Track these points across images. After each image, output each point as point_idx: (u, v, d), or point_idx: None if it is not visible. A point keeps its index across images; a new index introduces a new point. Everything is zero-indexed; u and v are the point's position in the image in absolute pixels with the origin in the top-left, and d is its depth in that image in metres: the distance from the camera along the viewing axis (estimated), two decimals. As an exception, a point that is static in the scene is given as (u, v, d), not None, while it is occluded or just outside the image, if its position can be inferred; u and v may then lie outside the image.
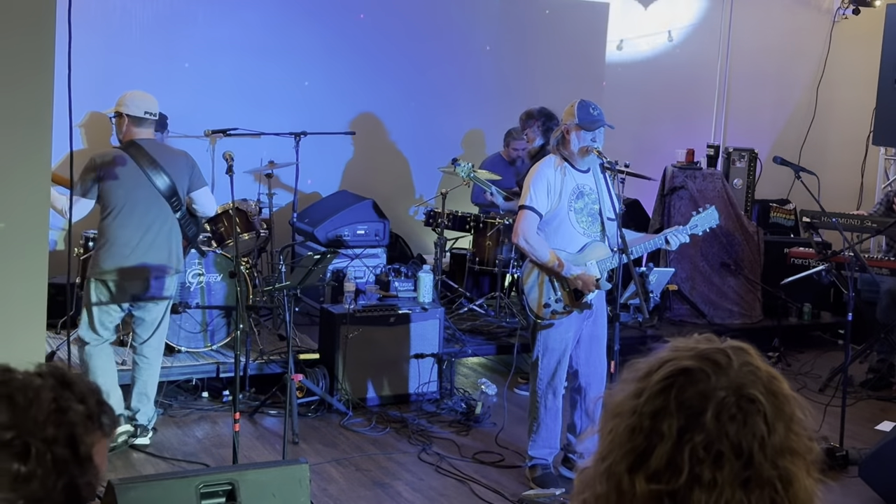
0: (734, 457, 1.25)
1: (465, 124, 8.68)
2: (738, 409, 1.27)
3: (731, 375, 1.29)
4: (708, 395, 1.27)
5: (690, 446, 1.25)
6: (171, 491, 3.63)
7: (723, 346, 1.34)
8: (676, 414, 1.27)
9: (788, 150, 9.14)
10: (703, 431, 1.25)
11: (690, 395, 1.28)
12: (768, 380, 1.31)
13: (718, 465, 1.25)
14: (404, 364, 6.14)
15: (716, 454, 1.25)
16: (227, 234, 6.50)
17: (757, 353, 1.35)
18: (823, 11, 9.87)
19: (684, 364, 1.31)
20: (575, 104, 4.78)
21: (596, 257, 4.82)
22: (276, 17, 7.85)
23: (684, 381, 1.29)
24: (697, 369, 1.30)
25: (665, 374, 1.31)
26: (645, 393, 1.30)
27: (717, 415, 1.26)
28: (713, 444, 1.25)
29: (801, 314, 8.04)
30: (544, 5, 8.83)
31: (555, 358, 4.87)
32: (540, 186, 4.76)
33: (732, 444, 1.25)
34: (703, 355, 1.32)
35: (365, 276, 7.11)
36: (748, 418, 1.26)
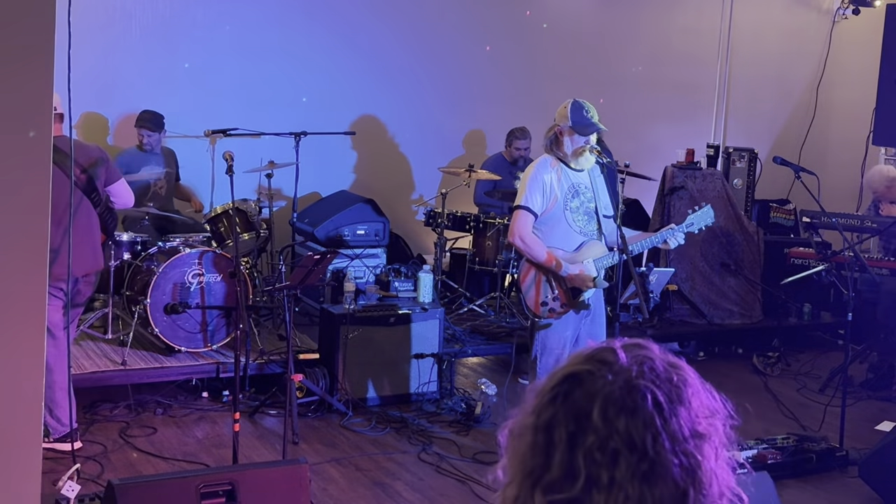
0: (628, 452, 1.20)
1: (466, 124, 8.68)
2: (626, 402, 1.22)
3: (617, 370, 1.25)
4: (594, 393, 1.23)
5: (583, 450, 1.21)
6: (171, 491, 3.64)
7: (613, 344, 1.30)
8: (565, 420, 1.23)
9: (788, 150, 9.15)
10: (593, 431, 1.21)
11: (577, 398, 1.24)
12: (663, 368, 1.26)
13: (615, 464, 1.20)
14: (404, 364, 6.14)
15: (611, 453, 1.20)
16: (227, 234, 6.50)
17: (657, 346, 1.31)
18: (823, 12, 9.87)
19: (572, 370, 1.27)
20: (568, 105, 4.75)
21: (593, 255, 4.83)
22: (276, 17, 7.85)
23: (570, 385, 1.26)
24: (584, 371, 1.26)
25: (553, 383, 1.27)
26: (538, 408, 1.27)
27: (604, 411, 1.21)
28: (606, 442, 1.21)
29: (801, 314, 8.04)
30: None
31: (553, 357, 4.87)
32: (535, 186, 4.76)
33: (624, 440, 1.20)
34: (591, 357, 1.28)
35: (365, 276, 7.11)
36: (637, 409, 1.21)
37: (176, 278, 5.99)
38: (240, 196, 6.49)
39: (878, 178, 7.46)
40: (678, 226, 4.93)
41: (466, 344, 6.68)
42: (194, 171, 7.68)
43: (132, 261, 6.18)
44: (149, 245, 6.27)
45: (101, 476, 4.79)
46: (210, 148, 7.70)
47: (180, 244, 6.22)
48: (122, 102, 7.38)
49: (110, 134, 7.49)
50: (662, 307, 7.54)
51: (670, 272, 5.39)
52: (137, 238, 6.31)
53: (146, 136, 6.96)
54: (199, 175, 7.73)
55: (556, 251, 4.79)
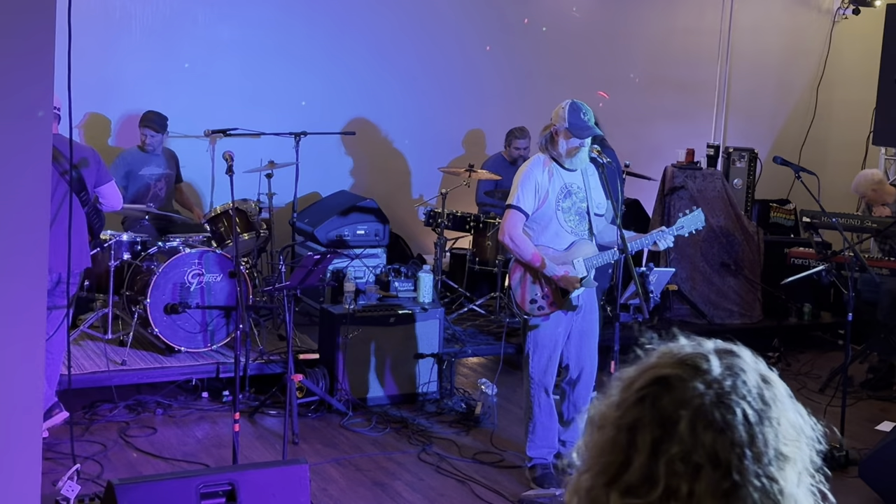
0: (711, 468, 1.18)
1: (466, 124, 8.68)
2: (716, 416, 1.19)
3: (710, 380, 1.22)
4: (683, 402, 1.20)
5: (666, 458, 1.19)
6: (171, 491, 3.64)
7: (707, 349, 1.27)
8: (651, 425, 1.21)
9: (788, 150, 9.14)
10: (679, 442, 1.19)
11: (665, 404, 1.21)
12: (756, 382, 1.24)
13: (695, 477, 1.18)
14: (404, 364, 6.14)
15: (693, 466, 1.18)
16: (227, 234, 6.50)
17: (750, 354, 1.28)
18: (823, 11, 9.87)
19: (663, 372, 1.24)
20: (566, 106, 4.76)
21: (583, 255, 4.86)
22: (275, 18, 7.85)
23: (660, 389, 1.23)
24: (675, 376, 1.23)
25: (643, 383, 1.25)
26: (624, 404, 1.25)
27: (692, 423, 1.19)
28: (689, 455, 1.18)
29: (801, 314, 8.04)
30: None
31: (545, 354, 4.90)
32: (527, 186, 4.79)
33: (709, 455, 1.18)
34: (684, 361, 1.25)
35: (365, 276, 7.11)
36: (727, 425, 1.19)
37: (176, 278, 5.99)
38: (240, 196, 6.48)
39: (864, 182, 7.46)
40: (668, 228, 4.96)
41: (466, 344, 6.68)
42: (194, 171, 7.69)
43: (132, 261, 6.18)
44: (149, 245, 6.27)
45: (101, 476, 4.79)
46: (210, 148, 7.70)
47: (180, 244, 6.22)
48: (122, 102, 7.38)
49: (112, 135, 7.49)
50: (662, 307, 7.54)
51: (670, 272, 5.39)
52: (137, 238, 6.31)
53: (149, 137, 6.95)
54: (200, 175, 7.74)
55: (546, 250, 4.83)
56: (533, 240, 4.85)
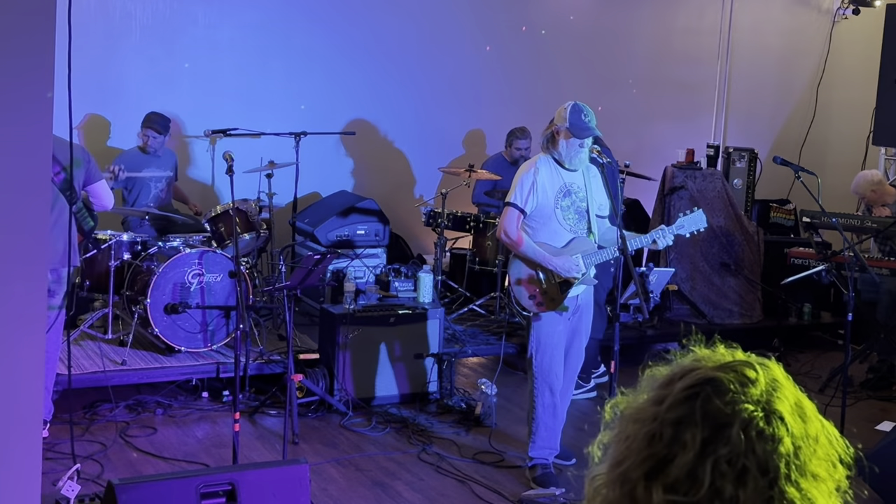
0: (759, 475, 1.20)
1: (466, 124, 8.68)
2: (767, 426, 1.22)
3: (760, 391, 1.25)
4: (735, 407, 1.23)
5: (714, 459, 1.21)
6: (171, 491, 3.63)
7: (750, 359, 1.29)
8: (701, 424, 1.22)
9: (788, 150, 9.15)
10: (729, 445, 1.21)
11: (716, 407, 1.23)
12: (795, 399, 1.27)
13: (742, 482, 1.20)
14: (404, 364, 6.14)
15: (740, 470, 1.20)
16: (227, 234, 6.50)
17: (782, 370, 1.31)
18: (823, 11, 9.88)
19: (711, 374, 1.26)
20: (568, 107, 4.81)
21: (581, 251, 4.89)
22: (275, 18, 7.85)
23: (711, 390, 1.25)
24: (725, 380, 1.25)
25: (691, 381, 1.26)
26: (668, 400, 1.26)
27: (745, 429, 1.21)
28: (738, 458, 1.21)
29: (801, 314, 8.04)
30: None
31: (548, 353, 4.92)
32: (526, 185, 4.85)
33: (759, 462, 1.21)
34: (731, 367, 1.27)
35: (365, 276, 7.11)
36: (776, 436, 1.22)
37: (176, 278, 5.99)
38: (240, 196, 6.49)
39: (863, 183, 7.45)
40: (668, 227, 4.98)
41: (466, 344, 6.68)
42: (194, 171, 7.69)
43: (132, 261, 6.18)
44: (149, 245, 6.27)
45: (101, 476, 4.79)
46: (210, 148, 7.70)
47: (180, 244, 6.22)
48: (122, 103, 7.38)
49: (111, 136, 7.49)
50: (662, 307, 7.54)
51: (670, 272, 5.39)
52: (137, 238, 6.31)
53: (152, 138, 6.94)
54: (200, 175, 7.74)
55: (544, 247, 4.88)
56: (532, 237, 4.89)
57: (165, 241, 6.30)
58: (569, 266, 4.82)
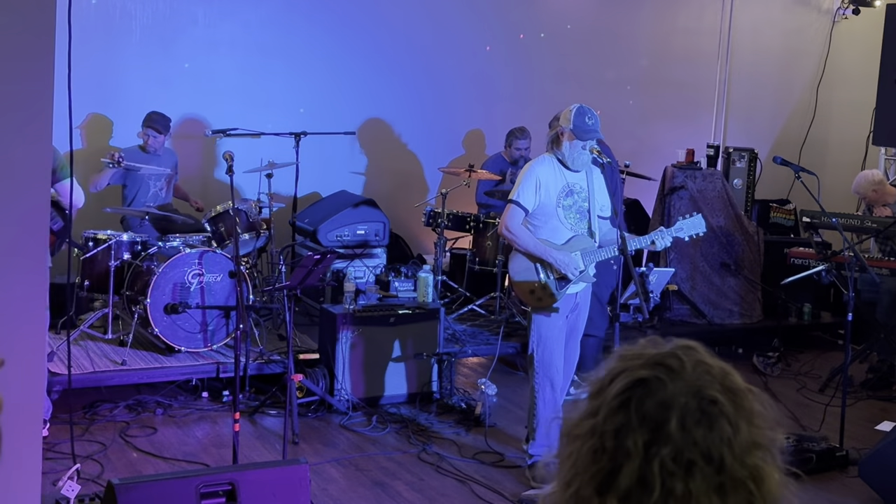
0: (705, 463, 1.20)
1: (466, 124, 8.69)
2: (702, 413, 1.22)
3: (687, 378, 1.24)
4: (668, 403, 1.22)
5: (659, 460, 1.20)
6: (171, 491, 3.63)
7: (672, 348, 1.28)
8: (640, 428, 1.22)
9: (788, 150, 9.15)
10: (670, 442, 1.20)
11: (651, 407, 1.22)
12: (723, 377, 1.26)
13: (690, 475, 1.20)
14: (404, 364, 6.14)
15: (686, 464, 1.20)
16: (227, 235, 6.50)
17: (705, 349, 1.30)
18: (823, 11, 9.88)
19: (639, 374, 1.25)
20: (573, 109, 4.89)
21: (580, 248, 4.95)
22: (276, 17, 7.85)
23: (642, 392, 1.24)
24: (653, 378, 1.24)
25: (621, 387, 1.25)
26: (602, 410, 1.25)
27: (682, 422, 1.21)
28: (682, 453, 1.20)
29: (801, 314, 8.04)
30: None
31: (549, 347, 4.98)
32: (528, 183, 4.92)
33: (702, 451, 1.21)
34: (656, 361, 1.26)
35: (365, 276, 7.11)
36: (713, 421, 1.22)
37: (176, 278, 5.99)
38: (239, 196, 6.49)
39: (864, 183, 7.45)
40: (667, 229, 5.02)
41: (466, 344, 6.68)
42: (194, 171, 7.68)
43: (132, 261, 6.18)
44: (149, 245, 6.27)
45: (101, 476, 4.79)
46: (210, 148, 7.70)
47: (180, 244, 6.22)
48: (122, 103, 7.38)
49: (113, 136, 7.49)
50: (662, 307, 7.54)
51: (670, 272, 5.40)
52: (137, 238, 6.31)
53: (152, 137, 6.94)
54: (200, 175, 7.74)
55: (544, 243, 4.94)
56: (533, 234, 4.96)
57: (165, 241, 6.30)
58: (568, 261, 4.88)
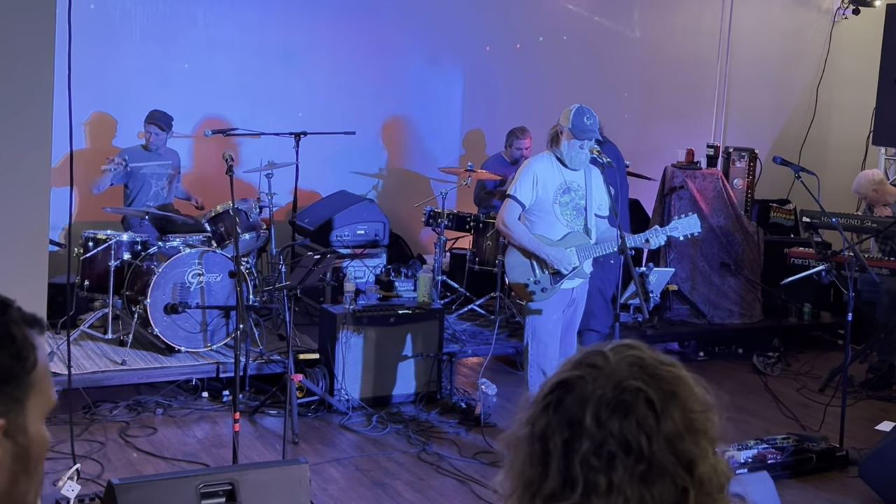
0: (624, 454, 1.19)
1: (466, 124, 8.69)
2: (618, 403, 1.20)
3: (608, 372, 1.23)
4: (585, 398, 1.22)
5: (579, 456, 1.19)
6: (171, 491, 3.63)
7: (603, 348, 1.28)
8: (559, 428, 1.22)
9: (788, 150, 9.14)
10: (587, 437, 1.19)
11: (569, 405, 1.22)
12: (654, 366, 1.25)
13: (612, 468, 1.19)
14: (404, 364, 6.14)
15: (607, 456, 1.19)
16: (227, 234, 6.50)
17: (646, 346, 1.29)
18: (823, 12, 9.87)
19: (563, 377, 1.26)
20: (572, 109, 4.97)
21: (575, 244, 5.03)
22: (276, 17, 7.85)
23: (562, 392, 1.24)
24: (575, 377, 1.25)
25: (545, 391, 1.26)
26: (531, 417, 1.25)
27: (597, 415, 1.20)
28: (601, 446, 1.19)
29: (801, 314, 8.04)
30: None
31: (543, 340, 5.07)
32: (526, 179, 5.03)
33: (619, 442, 1.19)
34: (580, 362, 1.27)
35: (365, 276, 7.10)
36: (630, 410, 1.20)
37: (176, 278, 5.99)
38: (240, 196, 6.48)
39: (865, 182, 7.43)
40: (661, 228, 5.06)
41: (466, 344, 6.68)
42: (194, 171, 7.68)
43: (132, 261, 6.18)
44: (149, 245, 6.27)
45: (101, 476, 4.79)
46: (210, 148, 7.70)
47: (180, 244, 6.22)
48: (122, 103, 7.38)
49: (116, 135, 7.48)
50: (662, 307, 7.54)
51: (670, 272, 5.41)
52: (137, 238, 6.31)
53: (154, 135, 6.93)
54: (200, 175, 7.73)
55: (540, 238, 5.03)
56: (530, 230, 5.06)
57: (165, 241, 6.30)
58: (560, 257, 4.96)
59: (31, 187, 3.06)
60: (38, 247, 3.06)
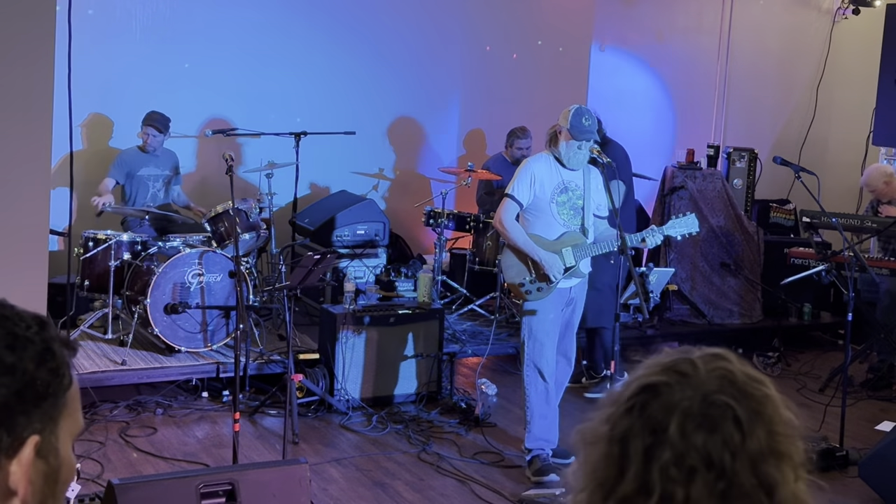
0: (705, 469, 1.17)
1: (466, 124, 8.68)
2: (704, 417, 1.18)
3: (696, 383, 1.21)
4: (671, 407, 1.19)
5: (659, 465, 1.17)
6: (171, 491, 3.63)
7: (692, 355, 1.26)
8: (641, 433, 1.20)
9: (788, 150, 9.14)
10: (670, 447, 1.17)
11: (654, 411, 1.20)
12: (744, 382, 1.23)
13: (691, 481, 1.17)
14: (404, 364, 6.14)
15: (688, 470, 1.17)
16: (227, 234, 6.50)
17: (737, 357, 1.27)
18: (823, 11, 9.87)
19: (649, 380, 1.24)
20: (571, 110, 4.99)
21: (571, 244, 5.03)
22: (276, 18, 7.85)
23: (647, 397, 1.22)
24: (661, 383, 1.22)
25: (630, 393, 1.24)
26: (613, 417, 1.24)
27: (682, 426, 1.18)
28: (683, 458, 1.17)
29: (801, 314, 8.04)
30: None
31: (539, 340, 5.05)
32: (524, 178, 5.04)
33: (702, 456, 1.17)
34: (669, 367, 1.24)
35: (365, 276, 7.10)
36: (717, 426, 1.18)
37: (176, 278, 5.99)
38: (240, 196, 6.49)
39: (876, 175, 7.41)
40: (658, 227, 5.08)
41: (466, 344, 6.68)
42: (194, 171, 7.68)
43: (132, 261, 6.18)
44: (149, 245, 6.27)
45: (101, 476, 4.79)
46: (210, 148, 7.70)
47: (180, 244, 6.22)
48: (121, 102, 7.37)
49: (112, 136, 7.48)
50: (662, 307, 7.54)
51: (670, 272, 5.41)
52: (137, 238, 6.31)
53: (152, 137, 6.93)
54: (200, 175, 7.73)
55: (536, 238, 5.03)
56: (527, 229, 5.07)
57: (165, 241, 6.29)
58: (552, 263, 4.96)
59: (31, 187, 3.06)
60: (38, 247, 3.06)
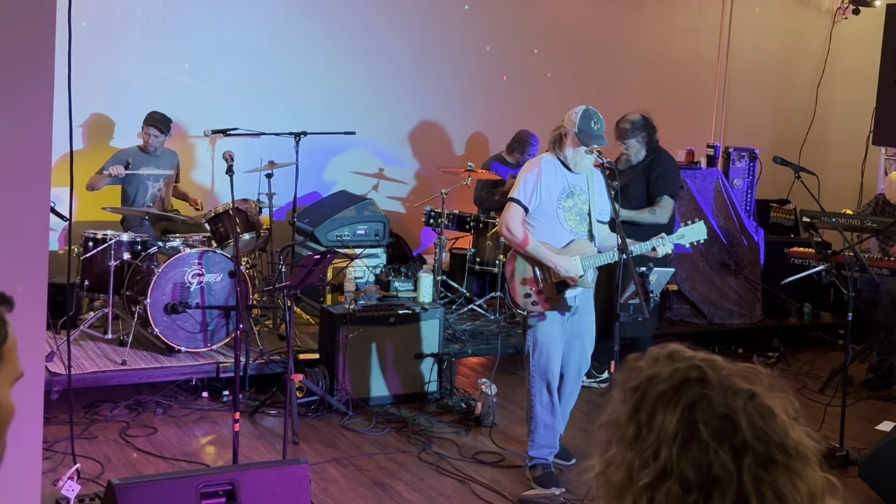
0: (781, 455, 1.24)
1: (467, 125, 8.68)
2: (757, 407, 1.26)
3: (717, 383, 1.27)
4: (728, 410, 1.25)
5: (751, 475, 1.23)
6: (171, 491, 3.64)
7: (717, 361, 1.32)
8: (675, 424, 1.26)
9: (788, 150, 9.14)
10: (749, 448, 1.23)
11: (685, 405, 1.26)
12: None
13: (772, 472, 1.24)
14: (404, 364, 6.14)
15: (765, 462, 1.24)
16: (227, 234, 6.50)
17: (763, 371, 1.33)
18: (823, 11, 9.87)
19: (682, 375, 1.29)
20: (578, 112, 4.84)
21: (580, 253, 4.89)
22: (276, 18, 7.85)
23: (677, 392, 1.27)
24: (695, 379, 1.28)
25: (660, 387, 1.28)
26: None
27: (751, 422, 1.24)
28: (761, 454, 1.24)
29: (801, 314, 8.04)
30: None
31: (545, 351, 4.93)
32: (529, 182, 4.88)
33: (778, 447, 1.25)
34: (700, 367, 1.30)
35: (365, 276, 7.10)
36: (769, 415, 1.26)
37: (176, 278, 5.99)
38: (240, 196, 6.48)
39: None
40: (668, 236, 4.99)
41: (466, 344, 6.68)
42: (194, 171, 7.68)
43: (132, 261, 6.18)
44: (149, 245, 6.27)
45: (101, 476, 4.79)
46: (210, 148, 7.70)
47: (180, 244, 6.22)
48: (121, 102, 7.38)
49: (114, 137, 7.48)
50: (662, 307, 7.54)
51: (670, 272, 5.38)
52: (137, 238, 6.31)
53: (153, 137, 6.93)
54: (200, 175, 7.74)
55: (543, 245, 4.88)
56: (532, 235, 4.90)
57: (165, 241, 6.30)
58: (568, 266, 4.82)
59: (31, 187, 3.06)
60: (38, 247, 3.06)
